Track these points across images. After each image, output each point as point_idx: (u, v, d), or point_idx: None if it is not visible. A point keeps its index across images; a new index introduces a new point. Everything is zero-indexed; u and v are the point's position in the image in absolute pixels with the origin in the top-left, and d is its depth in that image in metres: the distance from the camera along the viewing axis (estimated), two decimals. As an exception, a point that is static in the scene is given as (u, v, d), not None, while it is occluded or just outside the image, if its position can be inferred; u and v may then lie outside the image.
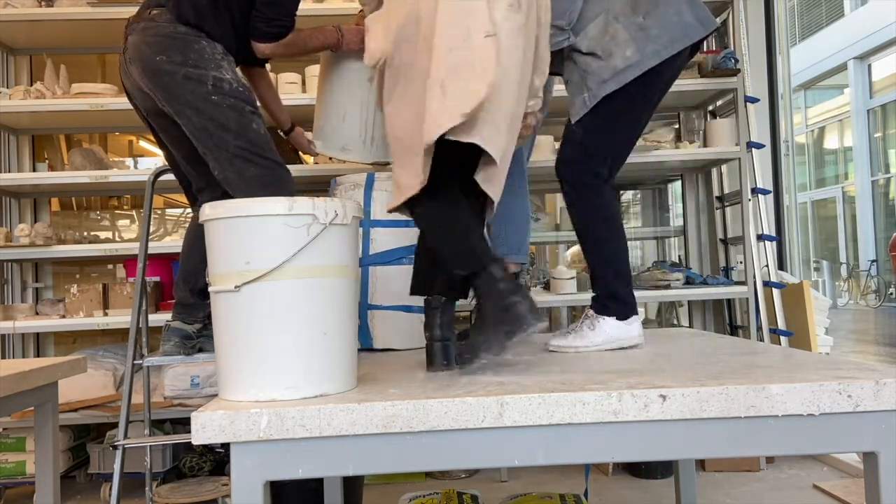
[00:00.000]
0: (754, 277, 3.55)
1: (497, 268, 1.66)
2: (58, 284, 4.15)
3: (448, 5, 1.65)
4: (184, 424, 3.53)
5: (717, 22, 1.99)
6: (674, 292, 3.64)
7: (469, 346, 1.67)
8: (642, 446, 1.31)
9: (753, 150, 3.66)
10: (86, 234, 4.01)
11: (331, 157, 2.68)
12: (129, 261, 3.76)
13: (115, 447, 2.22)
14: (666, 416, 1.29)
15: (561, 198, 2.30)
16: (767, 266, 3.67)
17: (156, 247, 3.27)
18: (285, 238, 1.36)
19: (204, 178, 2.19)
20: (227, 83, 2.03)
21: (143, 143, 5.08)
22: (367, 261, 2.25)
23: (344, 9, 3.50)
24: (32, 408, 2.12)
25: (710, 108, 4.12)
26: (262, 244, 1.36)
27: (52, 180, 3.65)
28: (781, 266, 4.10)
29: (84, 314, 3.45)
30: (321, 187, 3.24)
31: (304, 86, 3.55)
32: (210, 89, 2.00)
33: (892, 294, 14.57)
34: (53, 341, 4.13)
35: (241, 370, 1.38)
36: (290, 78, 3.53)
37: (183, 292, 2.22)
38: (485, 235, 1.83)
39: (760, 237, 3.66)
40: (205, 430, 1.26)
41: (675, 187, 4.75)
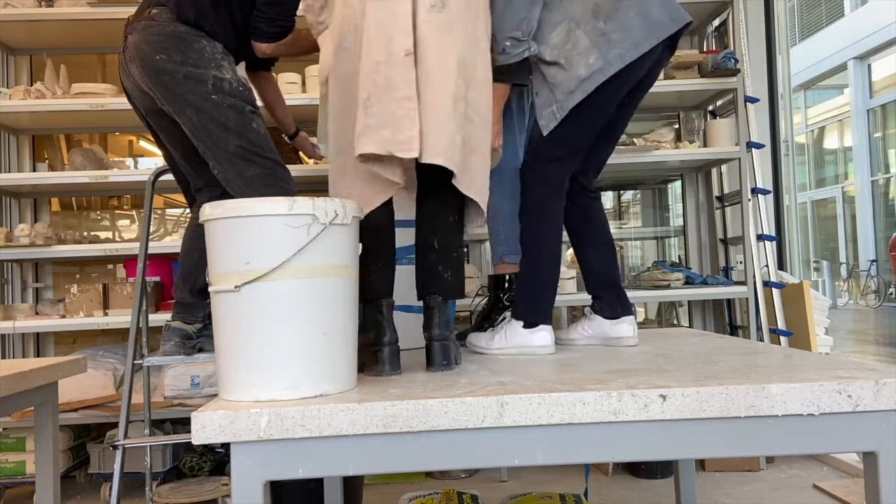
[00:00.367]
0: (754, 277, 3.55)
1: (387, 307, 1.70)
2: (58, 284, 4.15)
3: (375, 11, 1.66)
4: (184, 424, 3.54)
5: (688, 17, 1.96)
6: (674, 292, 3.65)
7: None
8: (642, 446, 1.31)
9: (753, 150, 3.66)
10: (86, 234, 4.01)
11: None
12: (129, 261, 3.76)
13: (115, 447, 2.22)
14: (666, 416, 1.29)
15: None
16: (767, 266, 3.67)
17: (156, 247, 3.28)
18: (285, 238, 1.36)
19: (203, 177, 2.18)
20: (227, 82, 2.03)
21: (143, 143, 5.08)
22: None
23: (344, 9, 3.49)
24: (32, 408, 2.12)
25: (710, 108, 4.12)
26: (262, 244, 1.36)
27: (52, 180, 3.65)
28: (781, 266, 4.10)
29: (84, 314, 3.45)
30: (321, 187, 3.23)
31: (304, 86, 3.55)
32: (210, 88, 2.00)
33: (891, 294, 14.58)
34: (53, 341, 4.14)
35: (241, 370, 1.38)
36: (291, 78, 3.53)
37: (182, 292, 2.22)
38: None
39: (760, 237, 3.66)
40: (205, 430, 1.26)
41: (675, 187, 4.75)
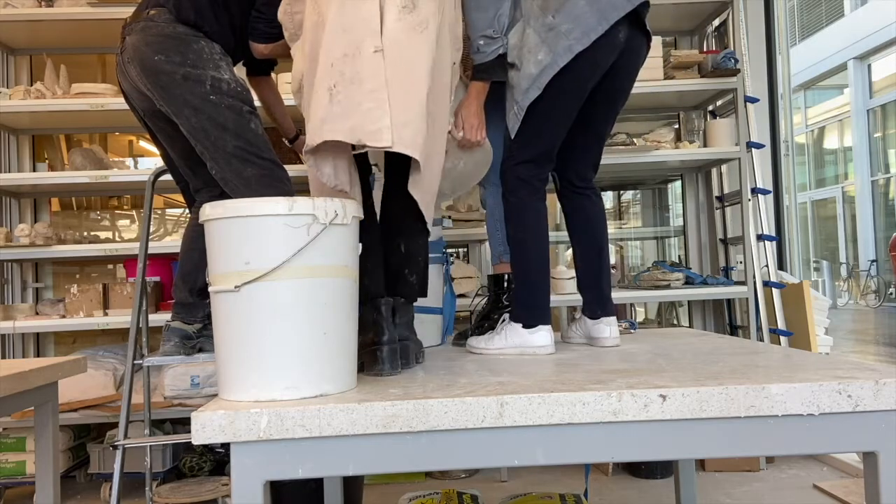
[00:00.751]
0: (754, 277, 3.55)
1: (385, 306, 1.69)
2: (58, 284, 4.15)
3: (340, 12, 1.67)
4: (184, 424, 3.54)
5: None
6: (674, 292, 3.65)
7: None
8: (642, 446, 1.31)
9: (753, 150, 3.66)
10: (86, 234, 4.01)
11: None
12: (129, 261, 3.77)
13: (115, 447, 2.21)
14: (666, 416, 1.29)
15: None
16: (767, 266, 3.67)
17: (156, 247, 3.27)
18: (285, 238, 1.36)
19: (201, 178, 2.18)
20: (225, 83, 2.03)
21: (143, 143, 5.08)
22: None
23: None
24: (32, 408, 2.12)
25: (710, 108, 4.12)
26: (263, 244, 1.36)
27: (52, 180, 3.65)
28: (781, 266, 4.10)
29: (84, 314, 3.45)
30: (321, 187, 3.23)
31: (304, 86, 3.54)
32: (208, 89, 2.00)
33: (891, 294, 14.57)
34: (53, 341, 4.14)
35: (241, 370, 1.38)
36: (290, 78, 3.52)
37: (182, 292, 2.22)
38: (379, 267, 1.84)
39: (760, 237, 3.66)
40: (205, 430, 1.26)
41: (675, 187, 4.76)
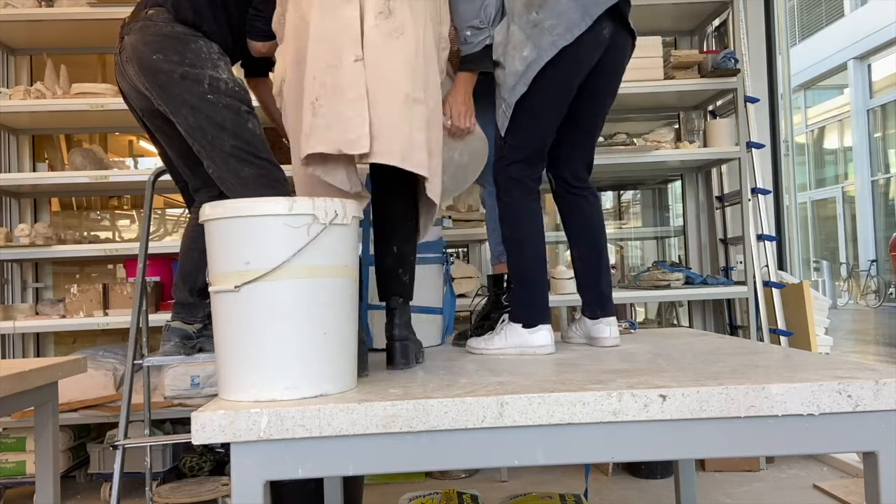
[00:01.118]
0: (754, 277, 3.55)
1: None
2: (58, 284, 4.15)
3: (322, 19, 1.70)
4: (184, 424, 3.53)
5: None
6: (674, 292, 3.64)
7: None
8: (642, 446, 1.32)
9: (753, 150, 3.66)
10: (86, 234, 4.01)
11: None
12: (129, 261, 3.77)
13: (115, 447, 2.21)
14: (666, 416, 1.29)
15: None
16: (767, 266, 3.67)
17: (156, 247, 3.27)
18: (285, 238, 1.36)
19: (200, 178, 2.18)
20: (223, 82, 2.03)
21: (143, 144, 5.07)
22: (367, 261, 2.25)
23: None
24: (32, 408, 2.12)
25: (710, 108, 4.12)
26: (263, 244, 1.36)
27: (52, 180, 3.65)
28: (781, 266, 4.10)
29: (84, 314, 3.45)
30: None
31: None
32: (206, 88, 2.00)
33: (891, 294, 14.57)
34: (53, 341, 4.13)
35: (241, 370, 1.38)
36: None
37: (182, 292, 2.22)
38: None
39: (760, 237, 3.66)
40: (205, 430, 1.26)
41: (675, 187, 4.75)
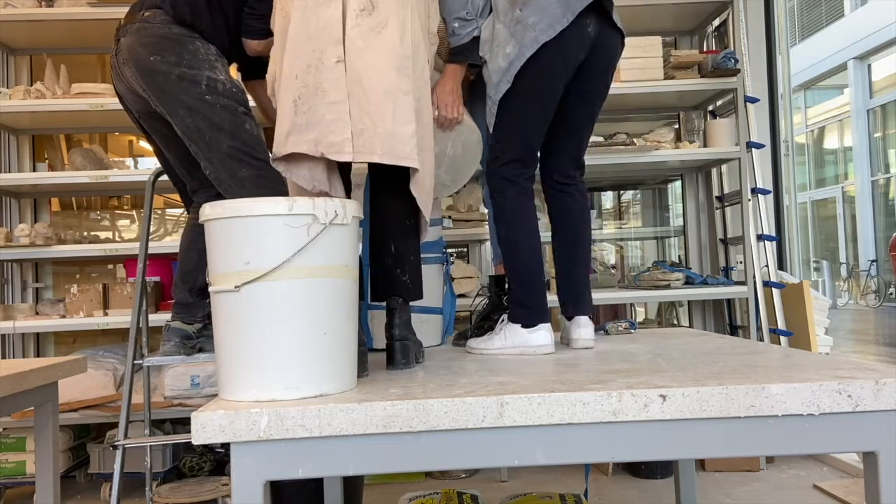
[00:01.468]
0: (754, 277, 3.55)
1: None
2: (58, 284, 4.15)
3: (304, 19, 1.71)
4: (184, 424, 3.53)
5: None
6: (674, 292, 3.64)
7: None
8: (642, 446, 1.31)
9: (753, 150, 3.66)
10: (86, 234, 4.01)
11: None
12: (129, 261, 3.77)
13: (115, 447, 2.21)
14: (666, 416, 1.29)
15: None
16: (767, 266, 3.67)
17: (156, 247, 3.27)
18: (285, 238, 1.36)
19: (198, 179, 2.19)
20: (220, 83, 2.03)
21: (143, 144, 5.07)
22: (367, 261, 2.25)
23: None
24: (32, 408, 2.12)
25: (710, 108, 4.12)
26: (263, 244, 1.36)
27: (52, 180, 3.65)
28: (781, 266, 4.10)
29: (84, 314, 3.45)
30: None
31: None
32: (204, 89, 2.00)
33: (891, 294, 14.57)
34: (53, 341, 4.14)
35: (241, 370, 1.38)
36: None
37: (182, 292, 2.22)
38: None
39: (760, 237, 3.66)
40: (205, 430, 1.26)
41: (675, 187, 4.75)
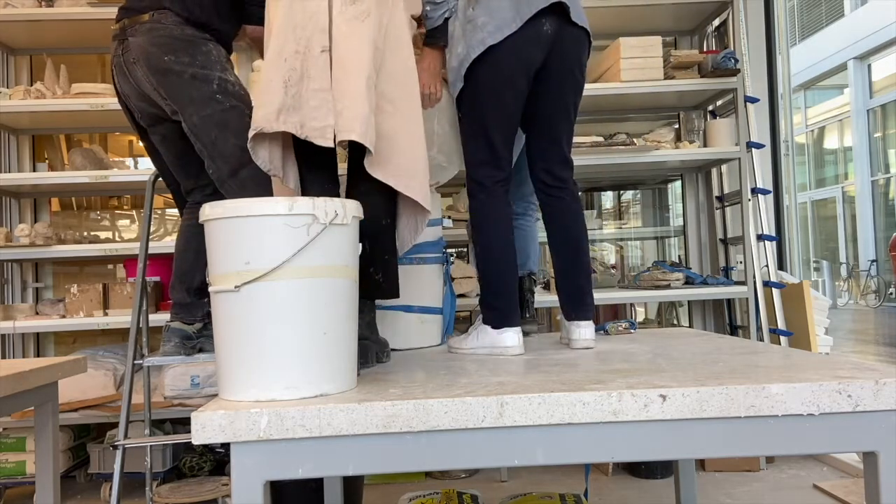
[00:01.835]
0: (754, 277, 3.55)
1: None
2: (58, 284, 4.15)
3: (292, 7, 1.77)
4: (184, 424, 3.53)
5: None
6: (674, 292, 3.64)
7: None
8: (642, 446, 1.31)
9: (753, 150, 3.66)
10: (86, 234, 4.01)
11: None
12: (129, 261, 3.76)
13: (115, 447, 2.21)
14: (666, 416, 1.29)
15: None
16: (767, 266, 3.67)
17: (156, 247, 3.27)
18: (285, 238, 1.36)
19: (193, 178, 2.22)
20: (231, 84, 2.08)
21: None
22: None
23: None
24: (32, 408, 2.12)
25: (710, 108, 4.12)
26: (262, 244, 1.36)
27: (52, 180, 3.65)
28: (781, 266, 4.10)
29: (84, 314, 3.45)
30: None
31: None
32: (215, 88, 2.04)
33: (892, 294, 14.57)
34: (53, 341, 4.13)
35: (241, 370, 1.38)
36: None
37: (179, 293, 2.23)
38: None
39: (760, 237, 3.66)
40: (205, 430, 1.26)
41: (675, 187, 4.76)
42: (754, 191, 3.69)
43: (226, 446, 3.13)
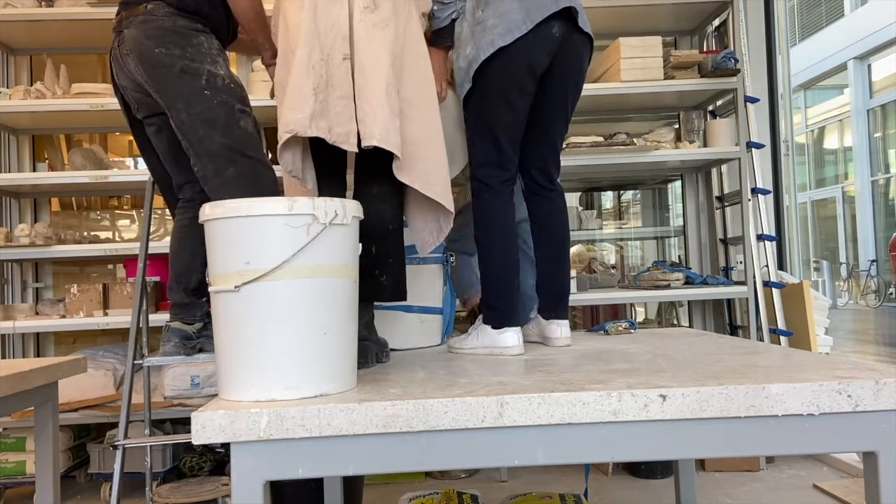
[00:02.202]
0: (754, 277, 3.55)
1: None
2: (58, 284, 4.15)
3: (317, 16, 1.79)
4: (184, 424, 3.54)
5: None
6: (674, 292, 3.64)
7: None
8: (642, 446, 1.31)
9: (753, 150, 3.66)
10: (86, 234, 4.01)
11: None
12: (129, 261, 3.76)
13: (115, 447, 2.22)
14: (666, 416, 1.29)
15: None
16: (767, 266, 3.67)
17: (156, 247, 3.26)
18: (285, 238, 1.36)
19: (184, 174, 2.21)
20: (220, 78, 2.06)
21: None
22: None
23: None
24: (32, 408, 2.12)
25: (710, 108, 4.12)
26: (262, 244, 1.36)
27: (52, 180, 3.65)
28: (781, 266, 4.10)
29: (84, 314, 3.45)
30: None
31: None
32: (203, 83, 2.03)
33: (891, 294, 14.57)
34: (53, 341, 4.13)
35: (241, 370, 1.38)
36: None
37: (177, 293, 2.23)
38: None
39: (760, 237, 3.66)
40: (205, 430, 1.26)
41: (675, 187, 4.75)
42: (754, 191, 3.69)
43: (226, 446, 3.13)
